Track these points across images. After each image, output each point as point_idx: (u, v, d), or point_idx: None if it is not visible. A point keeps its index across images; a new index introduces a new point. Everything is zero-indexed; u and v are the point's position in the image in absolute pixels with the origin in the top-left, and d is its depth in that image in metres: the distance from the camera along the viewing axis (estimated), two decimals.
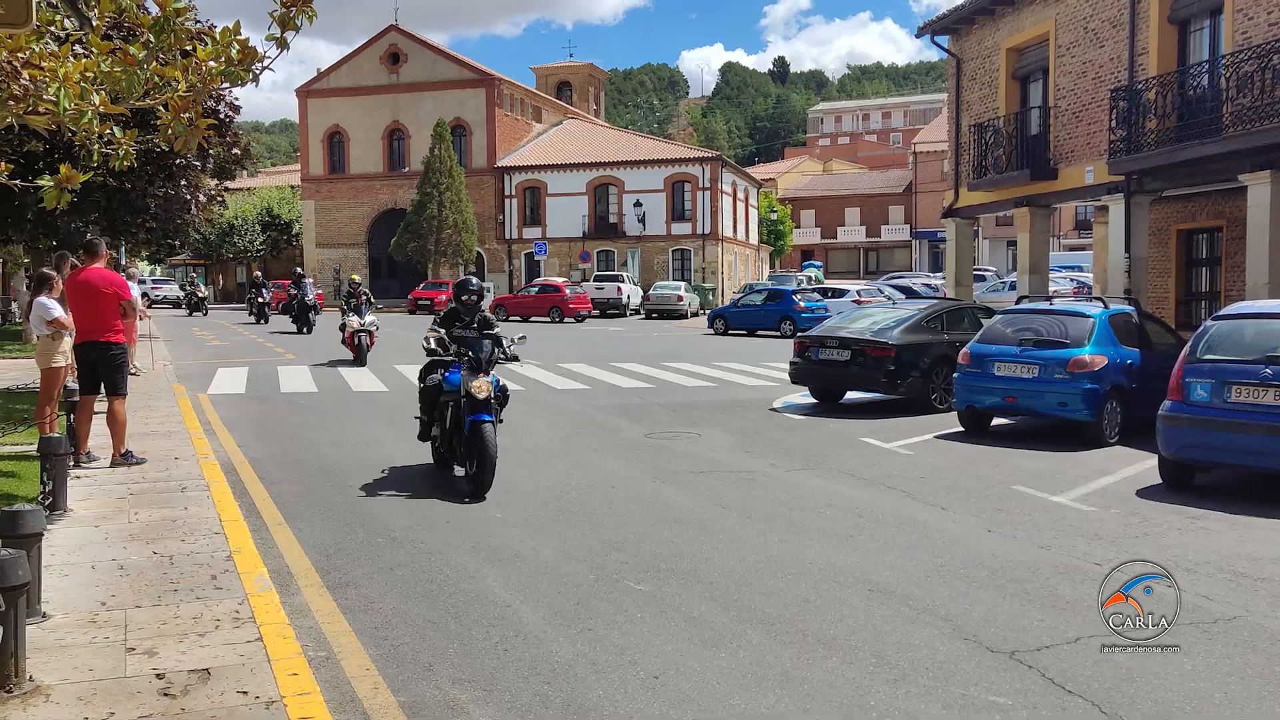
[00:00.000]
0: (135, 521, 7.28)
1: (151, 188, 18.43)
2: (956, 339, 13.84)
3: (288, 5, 4.60)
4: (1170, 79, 16.99)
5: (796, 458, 10.59)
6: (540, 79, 77.98)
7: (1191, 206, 19.60)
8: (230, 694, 4.37)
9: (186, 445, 10.47)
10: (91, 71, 4.66)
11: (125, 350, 9.66)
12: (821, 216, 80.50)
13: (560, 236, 53.79)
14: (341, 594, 5.97)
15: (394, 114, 56.37)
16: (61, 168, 4.81)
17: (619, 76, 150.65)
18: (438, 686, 4.66)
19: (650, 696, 4.56)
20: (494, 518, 7.84)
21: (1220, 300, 18.12)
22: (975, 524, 7.77)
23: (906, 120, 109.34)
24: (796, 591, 6.05)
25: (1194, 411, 8.80)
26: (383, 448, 10.89)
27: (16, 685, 4.29)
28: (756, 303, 33.91)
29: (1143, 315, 13.02)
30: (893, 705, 4.48)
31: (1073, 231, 59.83)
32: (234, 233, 58.60)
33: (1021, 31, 21.56)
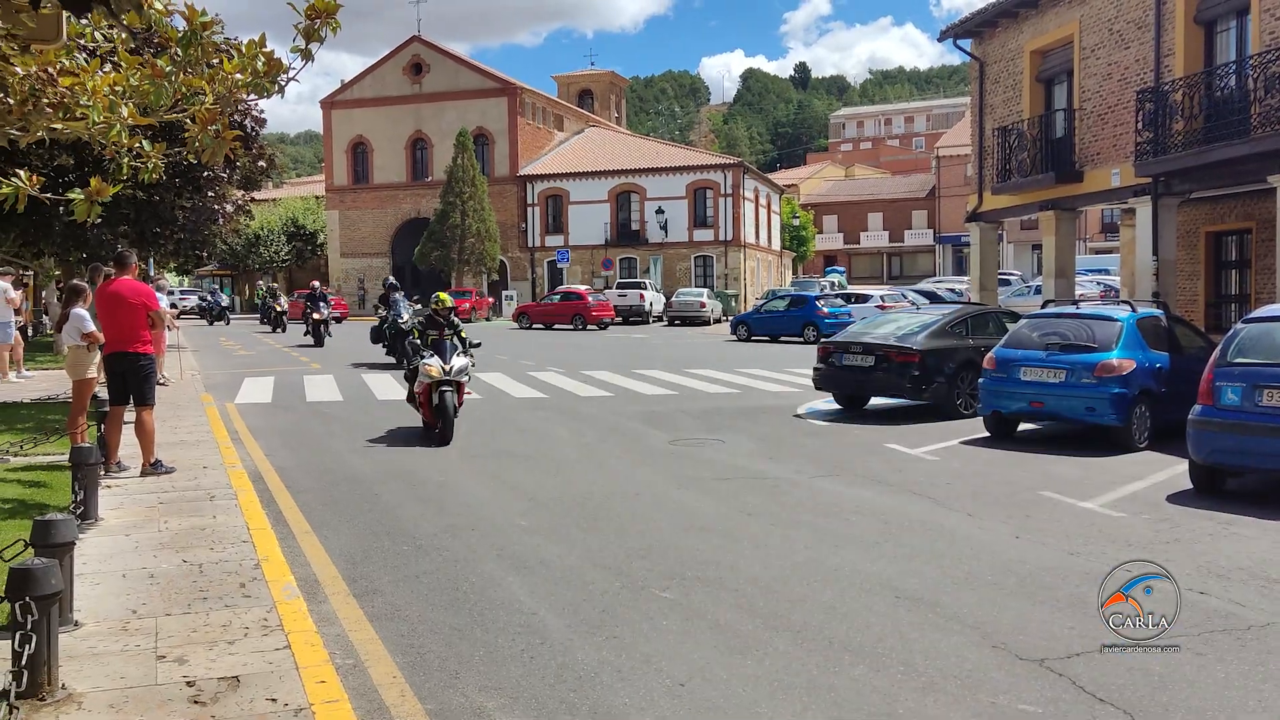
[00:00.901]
0: (165, 530, 7.34)
1: (179, 199, 18.59)
2: (981, 344, 13.75)
3: (312, 18, 4.64)
4: (1197, 80, 16.83)
5: (821, 464, 10.55)
6: (561, 87, 78.26)
7: (1220, 208, 19.39)
8: (260, 701, 4.39)
9: (214, 454, 10.55)
10: (120, 85, 4.72)
11: (153, 361, 9.75)
12: (844, 222, 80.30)
13: (582, 244, 53.94)
14: (368, 602, 5.99)
15: (417, 124, 56.75)
16: (92, 180, 4.87)
17: (640, 84, 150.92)
18: (464, 694, 4.67)
19: (676, 704, 4.55)
20: (519, 525, 7.85)
21: (1250, 303, 17.91)
22: (1003, 530, 7.70)
23: (929, 124, 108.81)
24: (823, 599, 6.02)
25: (1225, 416, 8.70)
26: (408, 456, 10.94)
27: (49, 693, 4.33)
28: (780, 309, 33.84)
29: (1171, 318, 12.88)
30: (921, 713, 4.45)
31: (1099, 235, 59.39)
32: (260, 243, 59.13)
33: (1045, 34, 21.43)
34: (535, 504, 8.60)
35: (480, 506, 8.52)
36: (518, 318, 42.44)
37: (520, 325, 41.55)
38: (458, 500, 8.78)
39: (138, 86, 4.73)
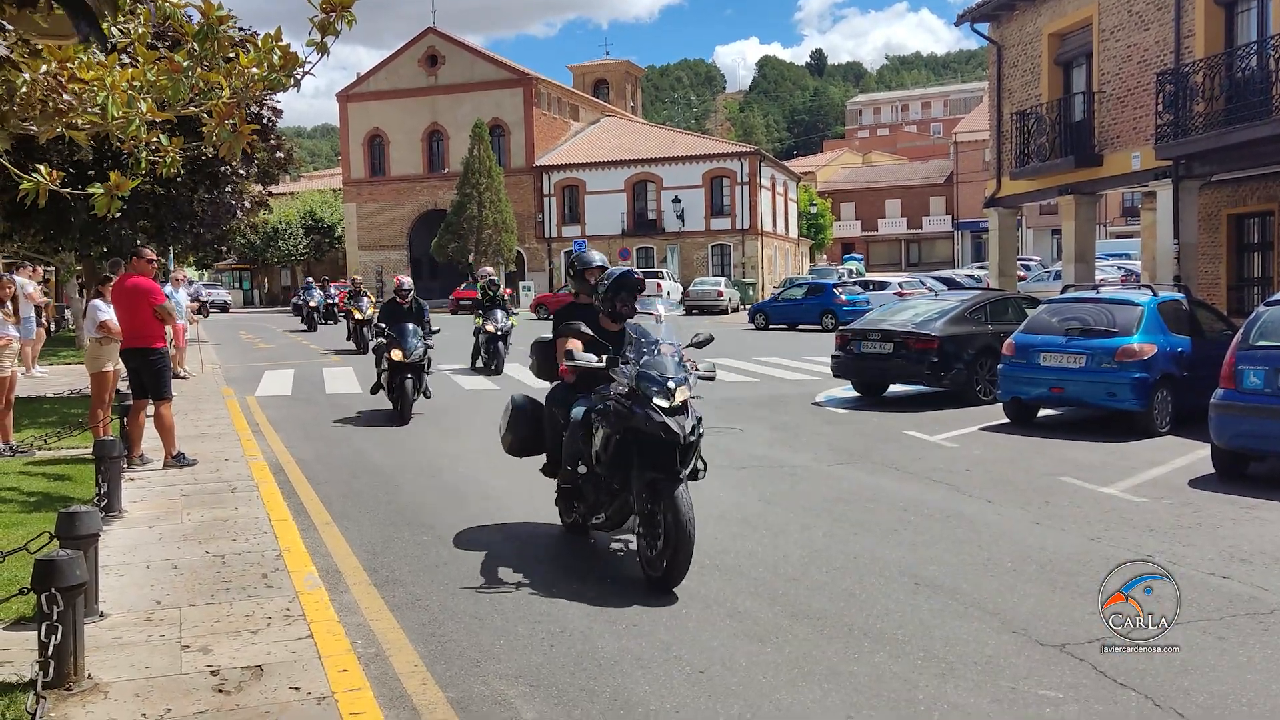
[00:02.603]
0: (188, 522, 7.41)
1: (198, 194, 18.68)
2: (1000, 330, 13.67)
3: (328, 11, 4.65)
4: (1218, 61, 16.65)
5: (840, 452, 10.53)
6: (577, 77, 78.15)
7: (1242, 191, 19.19)
8: (283, 690, 4.44)
9: (235, 447, 10.64)
10: (138, 80, 4.75)
11: (165, 355, 9.74)
12: (862, 209, 79.90)
13: (599, 234, 53.86)
14: (389, 591, 6.03)
15: (433, 115, 56.81)
16: (111, 175, 4.91)
17: (655, 73, 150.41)
18: (485, 682, 4.70)
19: (696, 691, 4.56)
20: (539, 516, 7.88)
21: (1273, 285, 17.74)
22: (1022, 516, 7.68)
23: (946, 110, 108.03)
24: (842, 586, 6.02)
25: (1247, 399, 8.63)
26: (428, 448, 10.99)
27: (76, 683, 4.39)
28: (797, 297, 33.75)
29: (1193, 302, 12.77)
30: (941, 699, 4.45)
31: (1119, 219, 58.85)
32: (278, 237, 59.38)
33: (1064, 16, 21.24)
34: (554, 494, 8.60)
35: (500, 497, 8.55)
36: (536, 309, 42.46)
37: (539, 316, 41.58)
38: (478, 491, 8.82)
39: (155, 82, 4.75)
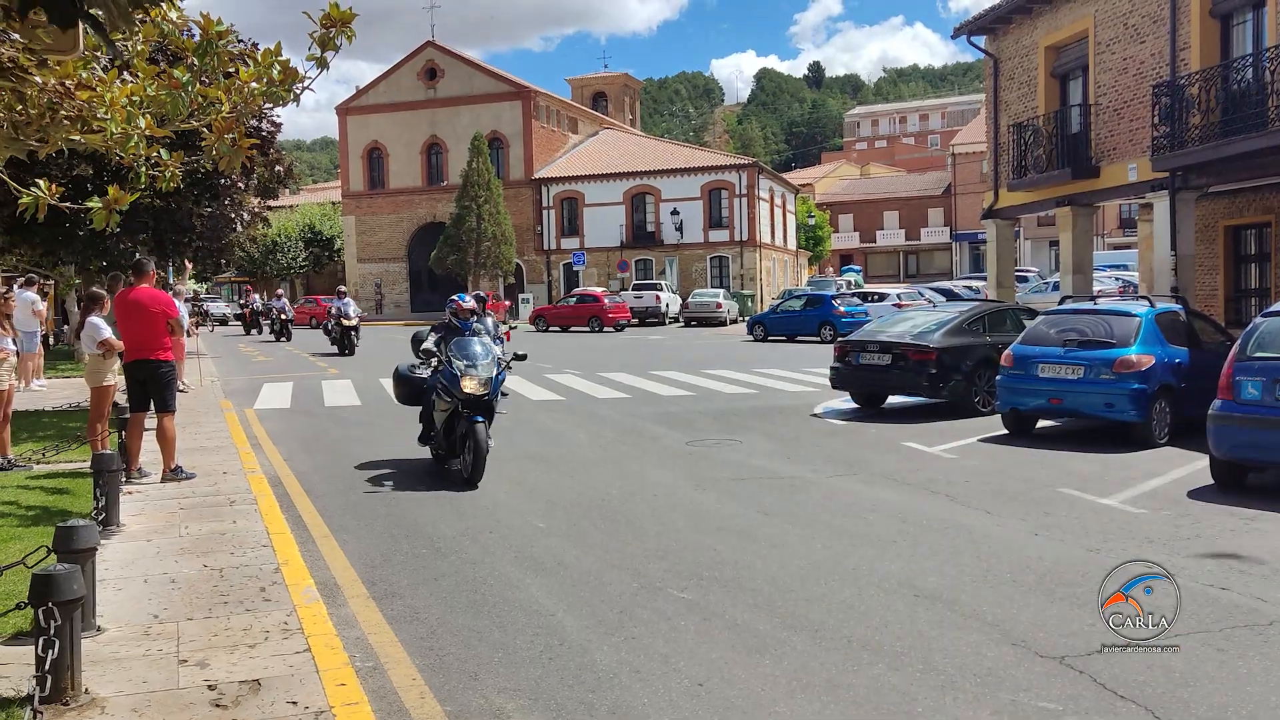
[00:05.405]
0: (186, 535, 7.40)
1: (197, 207, 18.75)
2: (999, 341, 13.68)
3: (327, 26, 4.67)
4: (1214, 73, 16.71)
5: (838, 463, 10.53)
6: (575, 90, 78.37)
7: (1238, 202, 19.24)
8: (280, 704, 4.43)
9: (234, 460, 10.63)
10: (138, 95, 4.77)
11: (174, 367, 9.85)
12: (860, 221, 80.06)
13: (598, 246, 53.98)
14: (387, 605, 6.02)
15: (432, 128, 56.94)
16: (110, 189, 4.92)
17: (654, 86, 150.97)
18: (483, 695, 4.69)
19: (694, 704, 4.55)
20: (536, 527, 7.88)
21: (1270, 297, 17.78)
22: (1021, 528, 7.67)
23: (944, 122, 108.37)
24: (841, 598, 6.02)
25: (1245, 410, 8.63)
26: (425, 460, 10.98)
27: (73, 697, 4.37)
28: (796, 308, 33.78)
29: (1190, 313, 12.79)
30: (940, 711, 4.44)
31: (1116, 230, 58.91)
32: (277, 250, 59.47)
33: (1060, 29, 21.32)
34: (553, 506, 8.63)
35: (498, 509, 8.54)
36: (534, 320, 42.51)
37: (537, 328, 41.61)
38: (475, 503, 8.81)
39: (155, 97, 4.78)
